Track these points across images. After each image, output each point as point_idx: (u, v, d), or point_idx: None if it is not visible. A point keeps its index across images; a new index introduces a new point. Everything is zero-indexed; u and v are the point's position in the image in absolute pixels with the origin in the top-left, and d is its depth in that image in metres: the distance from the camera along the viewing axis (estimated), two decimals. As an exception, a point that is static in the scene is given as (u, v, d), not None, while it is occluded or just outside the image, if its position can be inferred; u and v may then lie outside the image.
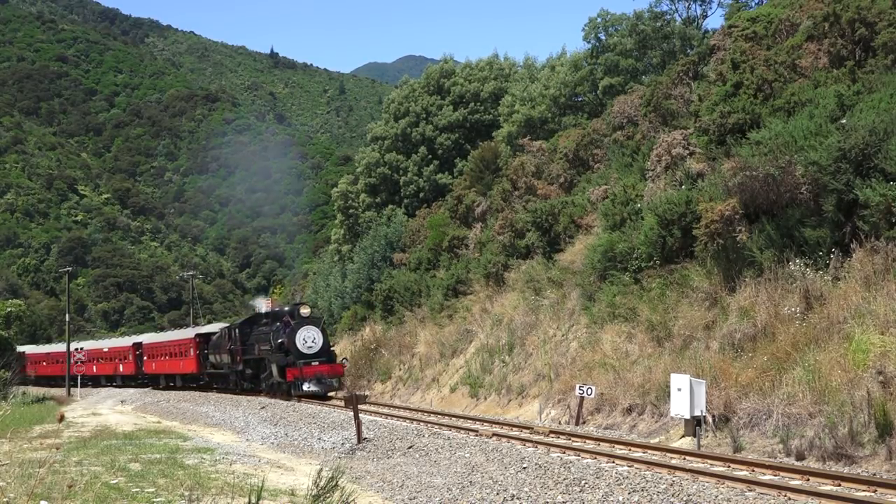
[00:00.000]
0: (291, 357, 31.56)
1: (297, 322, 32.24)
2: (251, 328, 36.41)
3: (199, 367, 42.99)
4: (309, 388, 30.96)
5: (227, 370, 39.20)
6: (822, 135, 17.78)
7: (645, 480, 11.27)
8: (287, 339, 31.94)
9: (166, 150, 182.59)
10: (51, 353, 67.54)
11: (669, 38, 43.68)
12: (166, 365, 48.21)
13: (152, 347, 51.02)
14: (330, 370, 31.65)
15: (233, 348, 37.60)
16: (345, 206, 62.39)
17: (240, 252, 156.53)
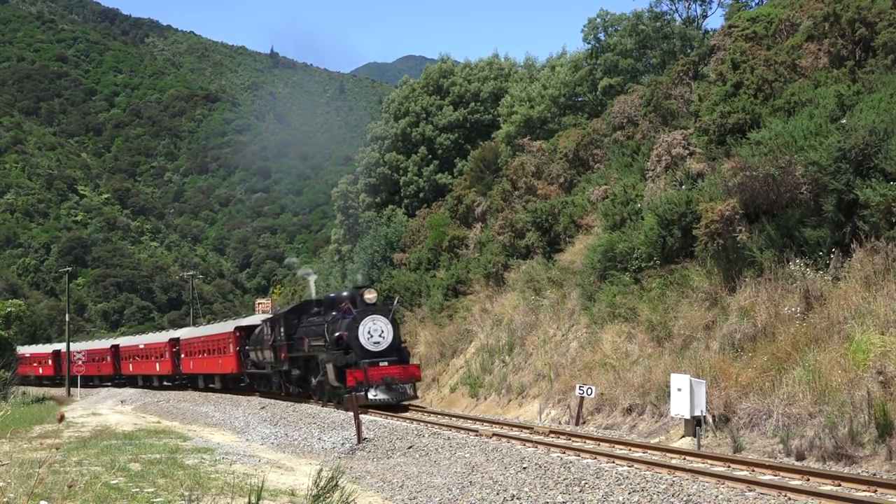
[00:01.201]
0: (352, 355, 25.21)
1: (361, 311, 25.81)
2: (299, 318, 30.57)
3: (240, 366, 37.46)
4: (375, 396, 24.36)
5: (269, 370, 33.50)
6: (822, 135, 17.78)
7: (645, 480, 11.27)
8: (347, 332, 25.45)
9: (166, 150, 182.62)
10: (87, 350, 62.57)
11: (669, 38, 43.68)
12: (204, 363, 42.53)
13: (190, 344, 44.95)
14: (403, 373, 25.13)
15: (276, 343, 31.87)
16: (345, 206, 62.44)
17: (240, 252, 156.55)
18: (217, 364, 40.25)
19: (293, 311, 31.90)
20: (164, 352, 48.31)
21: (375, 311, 26.03)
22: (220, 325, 43.56)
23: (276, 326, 31.96)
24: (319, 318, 28.76)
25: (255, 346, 35.02)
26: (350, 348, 25.45)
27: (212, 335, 41.58)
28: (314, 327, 28.55)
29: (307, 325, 29.50)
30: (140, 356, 52.93)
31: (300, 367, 29.99)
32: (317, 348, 27.78)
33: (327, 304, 29.02)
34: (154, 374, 50.91)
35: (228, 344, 38.18)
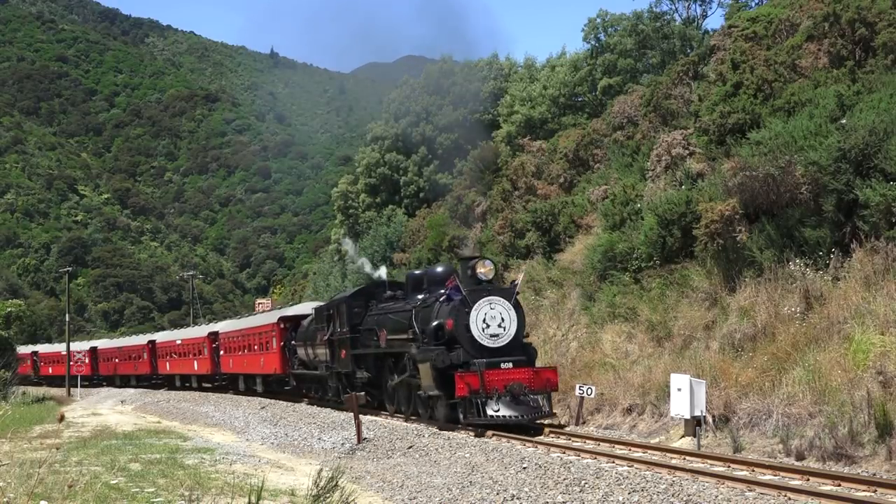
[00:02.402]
0: (459, 352, 18.38)
1: (472, 291, 18.79)
2: (366, 304, 24.27)
3: (284, 366, 31.47)
4: (497, 411, 17.45)
5: (323, 371, 26.80)
6: (822, 135, 17.79)
7: (645, 480, 11.27)
8: (453, 321, 18.64)
9: (166, 150, 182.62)
10: (123, 347, 58.55)
11: (669, 38, 43.71)
12: (244, 362, 36.75)
13: (229, 339, 39.04)
14: (534, 378, 18.02)
15: (335, 338, 25.45)
16: (345, 206, 62.46)
17: (240, 252, 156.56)
18: (258, 363, 34.16)
19: (357, 294, 25.12)
20: (202, 348, 42.30)
21: (493, 291, 18.88)
22: (262, 316, 37.05)
23: (334, 316, 25.31)
24: (400, 304, 22.22)
25: (303, 341, 28.99)
26: (456, 343, 18.54)
27: (252, 328, 35.35)
28: (393, 315, 21.92)
29: (380, 313, 22.91)
30: (177, 353, 46.92)
31: (370, 368, 23.27)
32: (399, 343, 21.19)
33: (412, 284, 22.34)
34: (192, 374, 45.06)
35: (271, 338, 32.20)
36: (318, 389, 28.87)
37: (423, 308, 20.29)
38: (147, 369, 51.85)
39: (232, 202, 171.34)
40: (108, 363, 59.90)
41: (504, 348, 18.60)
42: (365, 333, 23.65)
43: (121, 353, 57.76)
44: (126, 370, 55.96)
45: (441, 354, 18.44)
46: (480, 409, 17.51)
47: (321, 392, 28.52)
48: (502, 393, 17.63)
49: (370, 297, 24.66)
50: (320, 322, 27.01)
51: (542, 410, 18.11)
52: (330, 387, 26.90)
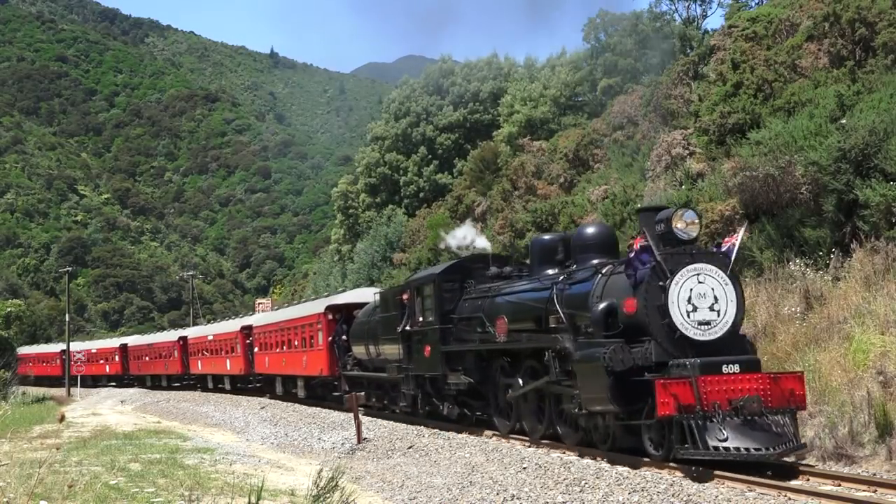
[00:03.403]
0: (650, 347, 12.34)
1: (669, 255, 12.59)
2: (462, 284, 18.51)
3: (333, 366, 25.95)
4: (724, 440, 11.42)
5: (394, 373, 20.92)
6: (822, 135, 17.80)
7: (645, 480, 11.27)
8: (640, 299, 12.50)
9: (166, 150, 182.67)
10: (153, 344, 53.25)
11: (669, 38, 43.71)
12: (281, 361, 31.42)
13: (265, 334, 33.84)
14: (772, 388, 11.97)
15: (413, 330, 19.62)
16: (345, 206, 62.51)
17: (240, 252, 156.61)
18: (299, 362, 28.94)
19: (451, 271, 18.83)
20: (234, 344, 37.57)
21: (698, 256, 12.70)
22: (304, 306, 31.82)
23: (413, 301, 19.57)
24: (523, 282, 16.31)
25: (361, 335, 23.47)
26: (642, 334, 12.43)
27: (292, 320, 30.32)
28: (513, 297, 16.07)
29: (489, 296, 17.08)
30: (209, 351, 41.83)
31: (470, 371, 17.46)
32: (527, 336, 15.29)
33: (541, 254, 16.24)
34: (224, 374, 39.95)
35: (316, 332, 27.10)
36: (384, 397, 22.82)
37: (574, 284, 14.18)
38: (178, 368, 46.67)
39: (232, 202, 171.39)
40: (138, 361, 55.13)
41: (717, 343, 12.37)
42: (461, 324, 17.79)
43: (151, 351, 52.29)
44: (157, 369, 51.08)
45: (620, 351, 12.11)
46: (697, 437, 11.34)
47: (387, 400, 22.54)
48: (727, 411, 11.48)
49: (466, 275, 18.51)
50: (389, 310, 20.98)
51: (789, 439, 11.68)
52: (404, 394, 20.44)
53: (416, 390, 19.83)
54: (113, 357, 60.44)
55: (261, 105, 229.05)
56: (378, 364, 22.38)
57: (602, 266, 13.87)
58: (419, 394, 19.73)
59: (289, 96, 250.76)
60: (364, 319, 23.70)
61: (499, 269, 18.44)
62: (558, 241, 16.33)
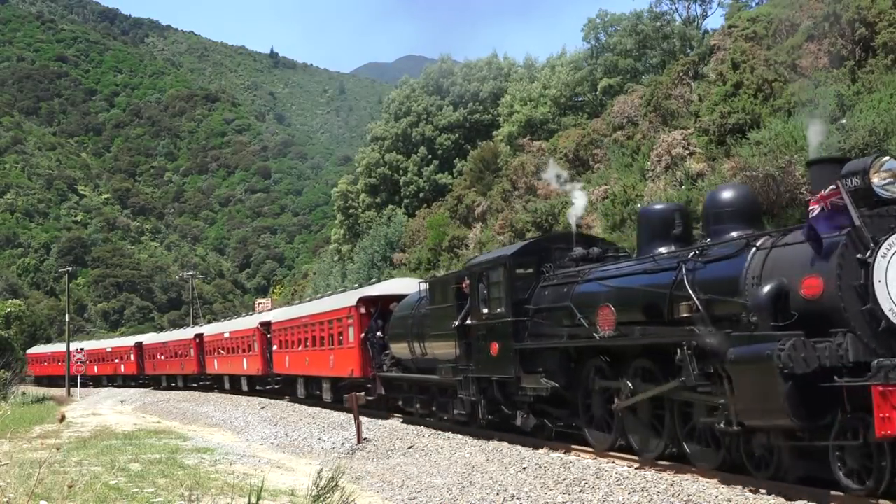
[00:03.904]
0: (845, 342, 9.02)
1: (871, 218, 9.25)
2: (539, 268, 15.36)
3: (366, 366, 22.79)
4: None
5: (447, 375, 17.83)
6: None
7: (645, 480, 11.26)
8: (830, 277, 9.19)
9: (166, 150, 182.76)
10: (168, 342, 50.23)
11: (669, 38, 43.74)
12: (303, 361, 28.33)
13: (284, 330, 30.91)
14: None
15: (477, 323, 16.37)
16: (345, 206, 62.54)
17: (240, 252, 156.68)
18: (325, 362, 25.72)
19: (524, 253, 15.56)
20: (252, 342, 34.91)
21: None
22: (331, 299, 28.12)
23: (475, 290, 16.27)
24: (633, 263, 13.44)
25: (402, 331, 20.32)
26: (836, 325, 9.33)
27: (317, 315, 27.09)
28: (618, 281, 13.18)
29: (577, 279, 14.23)
30: (225, 349, 39.01)
31: (553, 374, 14.34)
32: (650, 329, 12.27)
33: (650, 228, 13.23)
34: (241, 374, 36.98)
35: (346, 328, 23.94)
36: (430, 403, 19.41)
37: (712, 262, 11.28)
38: (195, 368, 43.68)
39: (232, 202, 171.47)
40: (153, 361, 51.93)
41: None
42: (539, 316, 14.76)
43: (166, 350, 49.23)
44: (172, 369, 47.90)
45: (802, 347, 9.08)
46: None
47: (435, 406, 19.06)
48: None
49: (544, 257, 15.32)
50: (441, 301, 18.00)
51: None
52: (462, 400, 17.13)
53: (478, 396, 16.42)
54: (128, 356, 56.74)
55: (261, 105, 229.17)
56: (424, 365, 19.17)
57: (754, 238, 10.84)
58: (481, 400, 16.40)
59: (289, 96, 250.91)
60: (405, 313, 20.22)
61: (585, 250, 15.18)
62: (674, 212, 13.37)
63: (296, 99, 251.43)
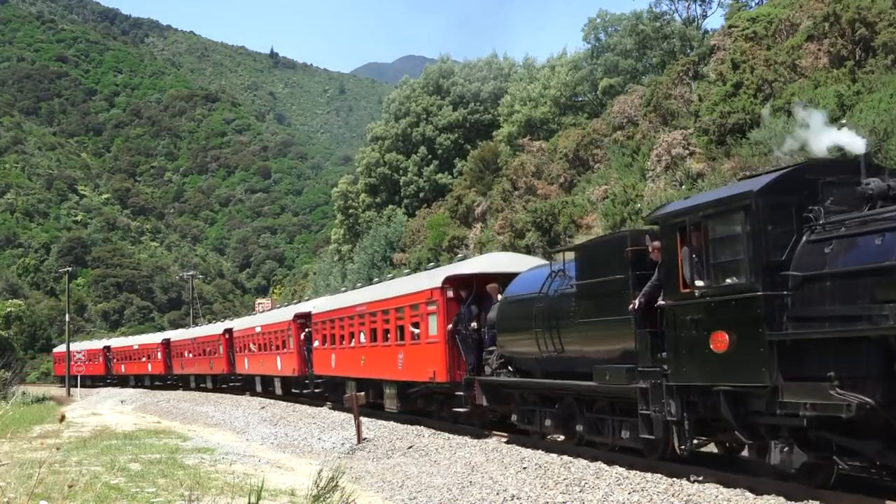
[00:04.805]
0: None
1: None
2: (801, 204, 9.91)
3: (453, 367, 17.80)
4: None
5: (617, 380, 12.14)
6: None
7: (645, 480, 11.26)
8: None
9: (166, 150, 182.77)
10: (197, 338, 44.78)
11: (669, 38, 43.74)
12: (357, 359, 23.11)
13: (330, 322, 25.85)
14: None
15: (675, 303, 10.96)
16: (345, 206, 62.54)
17: (240, 252, 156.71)
18: (390, 362, 20.52)
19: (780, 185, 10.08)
20: (286, 338, 30.36)
21: None
22: (405, 281, 22.27)
23: (678, 246, 11.01)
24: None
25: (517, 321, 15.26)
26: None
27: (380, 302, 21.84)
28: None
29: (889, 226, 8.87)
30: (257, 346, 34.68)
31: (872, 383, 8.77)
32: None
33: None
34: (275, 375, 32.25)
35: (426, 317, 18.81)
36: (572, 420, 14.05)
37: None
38: (224, 367, 39.36)
39: (232, 202, 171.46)
40: (181, 359, 47.66)
41: None
42: (812, 287, 9.60)
43: (194, 346, 44.77)
44: (201, 368, 43.70)
45: None
46: None
47: (582, 426, 13.64)
48: None
49: (809, 194, 10.20)
50: (598, 273, 12.71)
51: None
52: (645, 419, 11.62)
53: (679, 414, 11.04)
54: (155, 354, 51.62)
55: (261, 105, 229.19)
56: (559, 366, 14.05)
57: None
58: (684, 420, 11.03)
59: (289, 96, 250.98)
60: (525, 296, 15.10)
61: (885, 184, 9.84)
62: None
63: (296, 99, 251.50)
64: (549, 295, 14.27)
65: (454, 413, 18.05)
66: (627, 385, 11.93)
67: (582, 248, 13.87)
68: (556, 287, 14.18)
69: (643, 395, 11.61)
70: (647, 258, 11.96)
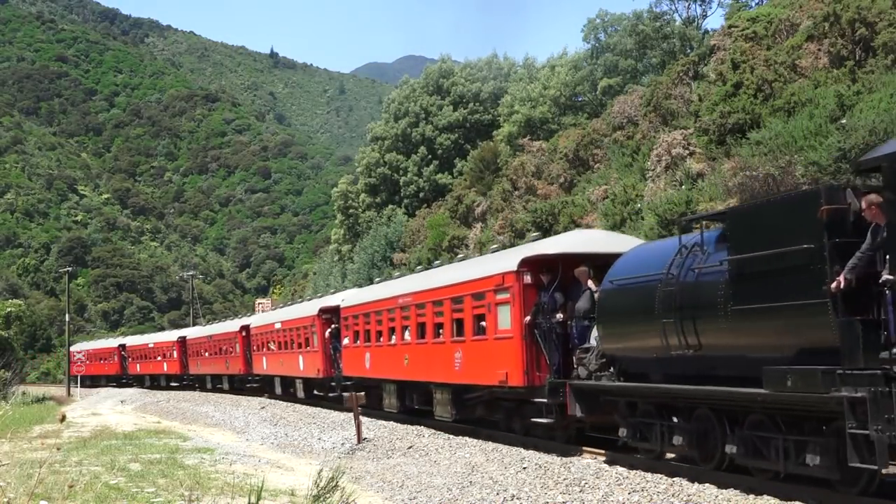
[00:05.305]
0: None
1: None
2: None
3: (531, 369, 14.62)
4: None
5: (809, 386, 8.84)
6: (822, 135, 17.82)
7: (645, 480, 11.26)
8: None
9: (166, 150, 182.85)
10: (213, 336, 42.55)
11: (669, 38, 43.77)
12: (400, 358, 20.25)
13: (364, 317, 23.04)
14: None
15: None
16: (345, 206, 62.54)
17: (240, 252, 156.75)
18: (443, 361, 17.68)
19: None
20: (310, 335, 27.74)
21: None
22: (466, 265, 18.80)
23: None
24: None
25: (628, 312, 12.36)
26: None
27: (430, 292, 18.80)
28: None
29: None
30: (276, 343, 32.35)
31: None
32: None
33: None
34: (296, 376, 29.67)
35: (493, 307, 15.73)
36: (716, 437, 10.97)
37: None
38: (240, 367, 37.04)
39: (232, 202, 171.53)
40: (197, 358, 45.12)
41: None
42: None
43: (210, 345, 42.38)
44: (217, 368, 41.41)
45: None
46: None
47: (737, 447, 10.44)
48: None
49: None
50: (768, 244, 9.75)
51: None
52: (874, 438, 8.28)
53: None
54: (171, 353, 49.25)
55: (261, 105, 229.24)
56: (695, 367, 10.92)
57: None
58: None
59: (289, 96, 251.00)
60: (636, 280, 12.14)
61: None
62: None
63: (296, 99, 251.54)
64: (680, 277, 11.17)
65: (527, 424, 15.23)
66: (825, 394, 8.70)
67: (739, 212, 10.87)
68: (690, 266, 11.07)
69: (854, 408, 8.43)
70: (851, 220, 9.03)
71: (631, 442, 12.48)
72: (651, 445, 12.02)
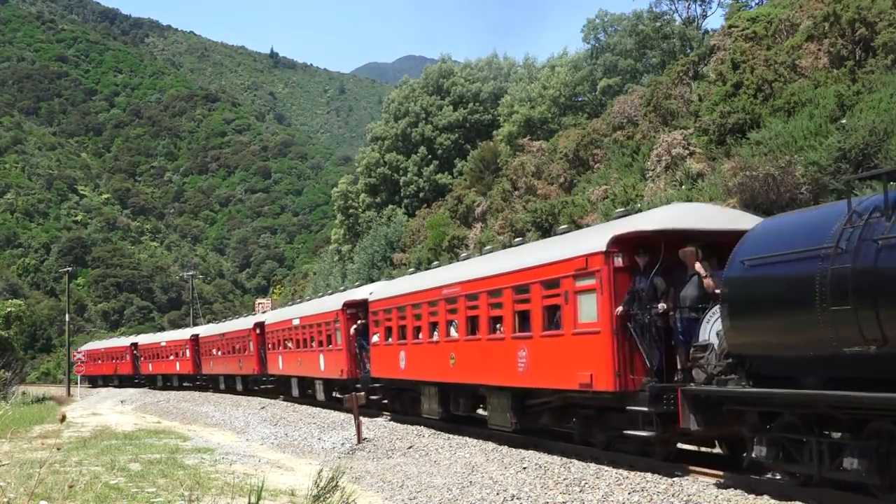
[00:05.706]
0: None
1: None
2: None
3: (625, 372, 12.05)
4: None
5: None
6: (822, 135, 17.83)
7: (645, 480, 11.26)
8: None
9: (166, 150, 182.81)
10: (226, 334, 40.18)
11: (669, 38, 43.78)
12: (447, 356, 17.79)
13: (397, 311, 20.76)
14: None
15: None
16: (345, 206, 62.54)
17: (240, 252, 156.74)
18: (508, 361, 15.04)
19: None
20: (332, 332, 25.27)
21: None
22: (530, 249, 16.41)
23: None
24: None
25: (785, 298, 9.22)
26: None
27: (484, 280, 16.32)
28: None
29: None
30: (294, 342, 29.90)
31: None
32: None
33: None
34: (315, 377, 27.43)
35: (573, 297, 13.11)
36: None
37: None
38: (254, 367, 34.86)
39: (232, 202, 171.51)
40: (210, 358, 43.03)
41: None
42: None
43: (223, 343, 39.93)
44: (229, 367, 39.12)
45: None
46: None
47: None
48: None
49: None
50: None
51: None
52: None
53: None
54: (184, 352, 46.88)
55: (261, 105, 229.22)
56: (874, 369, 8.48)
57: None
58: None
59: (289, 96, 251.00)
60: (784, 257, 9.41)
61: None
62: None
63: (296, 99, 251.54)
64: (854, 252, 8.48)
65: (612, 436, 12.94)
66: None
67: None
68: (870, 236, 8.40)
69: None
70: None
71: (767, 463, 9.87)
72: (803, 468, 9.37)
